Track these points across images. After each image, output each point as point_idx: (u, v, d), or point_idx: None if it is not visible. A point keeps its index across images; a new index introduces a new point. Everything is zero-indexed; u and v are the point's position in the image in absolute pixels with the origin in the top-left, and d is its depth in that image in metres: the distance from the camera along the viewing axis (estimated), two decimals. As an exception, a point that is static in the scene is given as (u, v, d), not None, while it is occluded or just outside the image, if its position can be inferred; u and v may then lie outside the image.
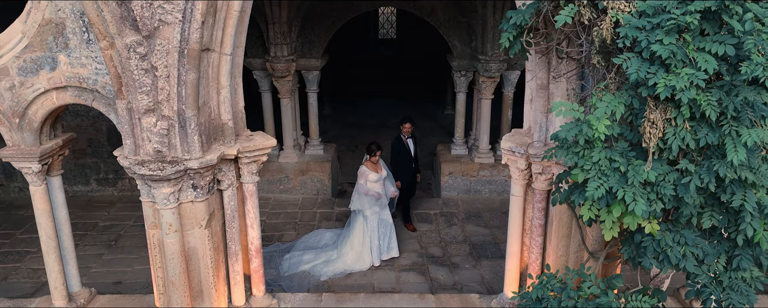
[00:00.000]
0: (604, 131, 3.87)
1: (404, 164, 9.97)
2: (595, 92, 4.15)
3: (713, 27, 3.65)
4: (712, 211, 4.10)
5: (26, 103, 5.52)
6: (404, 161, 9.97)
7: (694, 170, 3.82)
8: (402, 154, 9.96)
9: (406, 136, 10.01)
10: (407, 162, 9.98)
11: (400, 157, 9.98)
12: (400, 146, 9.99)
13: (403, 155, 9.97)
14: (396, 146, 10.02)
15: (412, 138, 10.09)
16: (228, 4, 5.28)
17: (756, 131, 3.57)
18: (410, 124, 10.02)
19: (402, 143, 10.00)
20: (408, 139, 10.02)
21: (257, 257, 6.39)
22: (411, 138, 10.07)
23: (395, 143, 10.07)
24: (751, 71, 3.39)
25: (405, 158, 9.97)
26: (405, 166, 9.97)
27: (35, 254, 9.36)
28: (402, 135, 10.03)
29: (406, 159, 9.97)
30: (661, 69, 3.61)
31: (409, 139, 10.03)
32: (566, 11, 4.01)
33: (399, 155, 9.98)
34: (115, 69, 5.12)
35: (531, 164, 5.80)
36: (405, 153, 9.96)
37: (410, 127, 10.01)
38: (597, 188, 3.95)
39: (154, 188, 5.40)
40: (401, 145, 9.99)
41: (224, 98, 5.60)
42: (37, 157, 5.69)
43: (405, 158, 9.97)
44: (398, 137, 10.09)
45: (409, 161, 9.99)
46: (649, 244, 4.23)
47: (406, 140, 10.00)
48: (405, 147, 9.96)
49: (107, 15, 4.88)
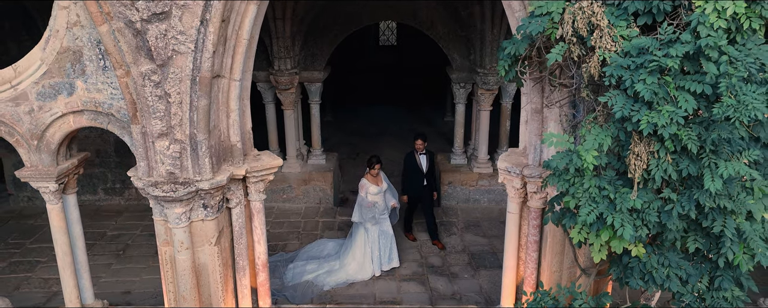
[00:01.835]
0: (592, 162, 4.13)
1: (414, 180, 10.08)
2: (584, 123, 4.42)
3: (693, 66, 3.92)
4: (696, 235, 4.36)
5: (44, 126, 5.78)
6: (415, 177, 10.07)
7: (676, 198, 4.09)
8: (413, 170, 10.08)
9: (419, 152, 10.09)
10: (417, 179, 10.06)
11: (410, 173, 10.11)
12: (412, 163, 10.10)
13: (414, 172, 10.07)
14: (408, 162, 10.15)
15: (426, 154, 10.13)
16: (237, 33, 5.55)
17: (732, 164, 3.83)
18: (422, 141, 10.07)
19: (414, 159, 10.09)
20: (421, 155, 10.09)
21: (264, 271, 6.66)
22: (425, 154, 10.12)
23: (408, 158, 10.19)
24: (722, 112, 3.66)
25: (415, 175, 10.06)
26: (415, 182, 10.08)
27: (46, 263, 9.63)
28: (415, 151, 10.11)
29: (417, 176, 10.05)
30: (644, 106, 3.87)
31: (422, 155, 10.09)
32: (557, 49, 4.28)
33: (410, 171, 10.11)
34: (130, 95, 5.38)
35: (526, 183, 6.06)
36: (416, 170, 10.05)
37: (422, 143, 10.06)
38: (588, 213, 4.22)
39: (167, 207, 5.67)
40: (413, 161, 10.10)
41: (233, 121, 5.86)
42: (54, 177, 5.96)
43: (415, 174, 10.06)
44: (411, 152, 10.19)
45: (419, 178, 10.05)
46: (635, 265, 4.51)
47: (418, 156, 10.09)
48: (416, 164, 10.05)
49: (124, 45, 5.15)
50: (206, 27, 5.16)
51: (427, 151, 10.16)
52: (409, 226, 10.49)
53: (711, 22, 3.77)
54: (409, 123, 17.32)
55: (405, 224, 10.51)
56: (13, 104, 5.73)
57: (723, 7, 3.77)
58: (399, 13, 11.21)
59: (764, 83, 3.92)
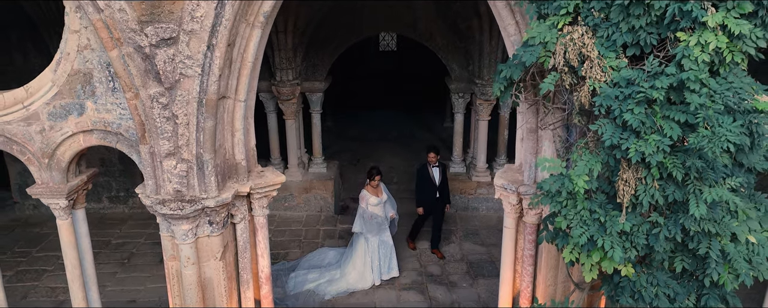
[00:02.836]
0: (583, 186, 4.33)
1: (427, 193, 10.18)
2: (576, 147, 4.61)
3: (679, 96, 4.11)
4: (683, 256, 4.55)
5: (55, 145, 5.97)
6: (428, 190, 10.17)
7: (663, 222, 4.28)
8: (426, 183, 10.17)
9: (432, 165, 10.18)
10: (430, 191, 10.16)
11: (423, 185, 10.22)
12: (425, 175, 10.18)
13: (427, 184, 10.17)
14: (421, 175, 10.26)
15: (439, 167, 10.22)
16: (242, 56, 5.74)
17: (715, 190, 4.02)
18: (435, 154, 10.14)
19: (427, 172, 10.17)
20: (433, 168, 10.18)
21: (267, 283, 6.85)
22: (438, 167, 10.20)
23: (421, 170, 10.31)
24: (697, 142, 3.85)
25: (428, 187, 10.16)
26: (428, 194, 10.18)
27: (52, 272, 9.82)
28: (428, 164, 10.20)
29: (430, 189, 10.15)
30: (632, 135, 4.06)
31: (435, 168, 10.18)
32: (550, 78, 4.47)
33: (423, 184, 10.22)
34: (139, 117, 5.57)
35: (522, 200, 6.25)
36: (429, 183, 10.15)
37: (435, 157, 10.13)
38: (580, 235, 4.41)
39: (174, 224, 5.86)
40: (426, 173, 10.17)
41: (238, 139, 6.05)
42: (64, 194, 6.14)
43: (428, 187, 10.16)
44: (424, 165, 10.30)
45: (432, 191, 10.15)
46: (625, 284, 4.69)
47: (431, 169, 10.18)
48: (429, 177, 10.13)
49: (133, 69, 5.34)
50: (212, 52, 5.35)
51: (439, 163, 10.24)
52: (414, 235, 10.63)
53: (695, 56, 3.96)
54: (410, 129, 17.51)
55: (411, 232, 10.63)
56: (25, 124, 5.91)
57: (706, 41, 3.95)
58: (399, 26, 11.41)
59: (746, 112, 4.10)
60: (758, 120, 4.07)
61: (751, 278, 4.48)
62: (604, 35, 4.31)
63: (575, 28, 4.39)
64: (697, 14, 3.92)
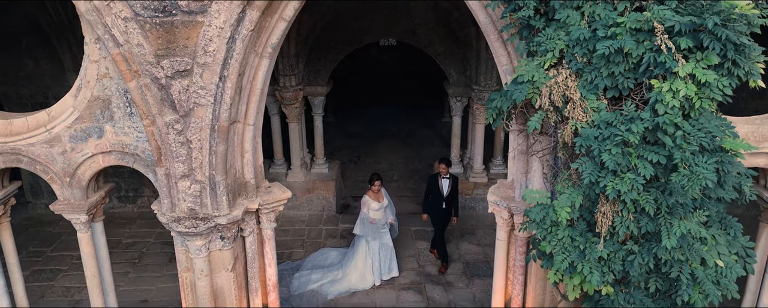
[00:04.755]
0: (566, 216, 4.75)
1: (434, 202, 10.32)
2: (560, 179, 5.02)
3: (653, 137, 4.51)
4: (657, 277, 4.98)
5: (76, 165, 6.38)
6: (435, 199, 10.30)
7: (638, 250, 4.71)
8: (434, 193, 10.29)
9: (443, 176, 10.26)
10: (438, 201, 10.29)
11: (432, 195, 10.35)
12: (434, 186, 10.28)
13: (435, 194, 10.29)
14: (430, 184, 10.38)
15: (449, 178, 10.27)
16: (251, 83, 6.13)
17: (684, 224, 4.45)
18: (446, 165, 10.24)
19: (437, 182, 10.26)
20: (443, 179, 10.25)
21: (274, 290, 7.30)
22: (448, 178, 10.26)
23: (431, 180, 10.42)
24: (679, 181, 4.26)
25: (436, 197, 10.28)
26: (435, 204, 10.32)
27: (67, 272, 10.28)
28: (438, 174, 10.33)
29: (438, 198, 10.27)
30: (610, 174, 4.47)
31: (445, 179, 10.24)
32: (536, 117, 4.87)
33: (431, 193, 10.35)
34: (155, 142, 5.97)
35: (513, 215, 6.67)
36: (437, 193, 10.26)
37: (446, 168, 10.22)
38: (562, 261, 4.84)
39: (188, 240, 6.29)
40: (435, 184, 10.27)
41: (247, 160, 6.46)
42: (85, 210, 6.57)
43: (436, 197, 10.28)
44: (435, 175, 10.40)
45: (439, 201, 10.30)
46: (605, 301, 5.14)
47: (441, 180, 10.25)
48: (438, 188, 10.24)
49: (150, 98, 5.73)
50: (224, 82, 5.73)
51: (451, 176, 10.32)
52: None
53: (667, 101, 4.35)
54: (410, 125, 17.89)
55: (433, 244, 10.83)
56: (48, 146, 6.32)
57: (677, 89, 4.34)
58: (399, 33, 11.75)
59: (717, 150, 4.51)
60: (725, 159, 4.47)
61: (720, 297, 4.92)
62: (587, 79, 4.69)
63: (560, 70, 4.78)
64: (669, 65, 4.31)
